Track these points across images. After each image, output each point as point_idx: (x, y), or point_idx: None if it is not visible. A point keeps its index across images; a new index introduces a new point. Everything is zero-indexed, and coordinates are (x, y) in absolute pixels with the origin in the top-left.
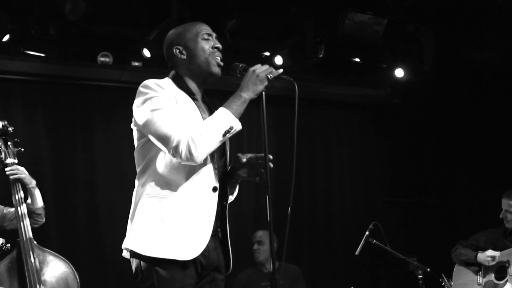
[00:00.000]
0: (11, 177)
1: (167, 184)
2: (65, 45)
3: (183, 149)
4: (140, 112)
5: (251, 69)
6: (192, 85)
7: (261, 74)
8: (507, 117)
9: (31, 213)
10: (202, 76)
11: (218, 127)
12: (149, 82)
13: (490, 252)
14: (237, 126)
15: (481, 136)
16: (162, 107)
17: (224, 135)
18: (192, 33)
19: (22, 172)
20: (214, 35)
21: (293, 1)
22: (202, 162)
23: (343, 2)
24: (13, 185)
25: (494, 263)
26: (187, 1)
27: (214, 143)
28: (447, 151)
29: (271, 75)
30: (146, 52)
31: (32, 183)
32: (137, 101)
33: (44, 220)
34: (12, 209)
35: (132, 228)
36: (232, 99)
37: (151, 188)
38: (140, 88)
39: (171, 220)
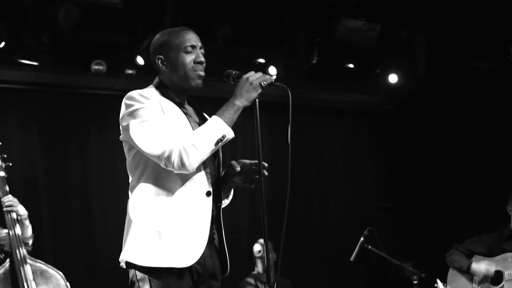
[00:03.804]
0: (6, 209)
1: (160, 192)
2: (58, 54)
3: (175, 159)
4: (128, 124)
5: (245, 76)
6: (176, 93)
7: (254, 82)
8: (501, 122)
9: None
10: (183, 88)
11: (210, 136)
12: (133, 93)
13: (484, 268)
14: (230, 134)
15: (475, 140)
16: (149, 118)
17: (217, 143)
18: (175, 44)
19: (16, 204)
20: (198, 45)
21: (286, 7)
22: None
23: (336, 9)
24: (7, 213)
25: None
26: (181, 9)
27: (206, 151)
28: (442, 156)
29: (264, 83)
30: (140, 60)
31: (25, 214)
32: (124, 114)
33: (31, 248)
34: (4, 231)
35: (127, 239)
36: (225, 107)
37: (145, 197)
38: (125, 101)
39: (167, 228)
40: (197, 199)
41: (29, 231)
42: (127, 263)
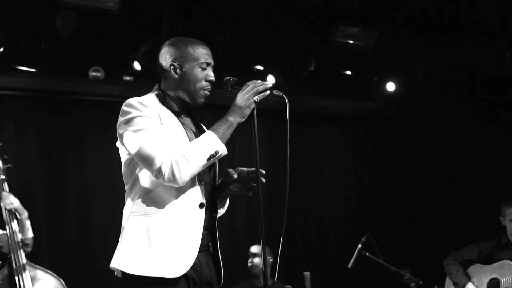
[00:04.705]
0: (8, 207)
1: (154, 201)
2: (56, 60)
3: (166, 171)
4: (124, 132)
5: (239, 93)
6: (176, 101)
7: (248, 98)
8: (499, 128)
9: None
10: (186, 100)
11: (203, 151)
12: (132, 101)
13: None
14: (223, 150)
15: (473, 147)
16: (146, 127)
17: (209, 159)
18: (193, 56)
19: (16, 204)
20: (212, 63)
21: (284, 14)
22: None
23: (334, 16)
24: (8, 212)
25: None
26: (178, 15)
27: (198, 166)
28: (439, 163)
29: (258, 98)
30: (137, 65)
31: (25, 214)
32: (121, 121)
33: (31, 249)
34: (4, 232)
35: (119, 247)
36: (220, 123)
37: (138, 205)
38: (123, 107)
39: (158, 238)
40: (189, 211)
41: (30, 233)
42: (122, 272)
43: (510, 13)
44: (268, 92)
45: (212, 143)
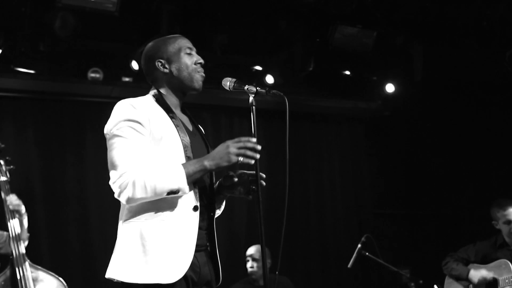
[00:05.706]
0: (15, 208)
1: (146, 207)
2: (55, 62)
3: (121, 187)
4: (107, 133)
5: (228, 142)
6: (172, 100)
7: (231, 154)
8: (498, 128)
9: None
10: (183, 91)
11: (165, 184)
12: (124, 103)
13: (484, 274)
14: (185, 190)
15: (472, 146)
16: (126, 136)
17: (168, 194)
18: (174, 47)
19: (21, 204)
20: (194, 49)
21: (282, 15)
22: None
23: (333, 16)
24: (10, 213)
25: (485, 282)
26: (177, 16)
27: (152, 197)
28: (438, 163)
29: (241, 160)
30: (135, 65)
31: (24, 214)
32: (108, 123)
33: (26, 241)
34: (3, 232)
35: (114, 255)
36: (194, 163)
37: (131, 212)
38: (115, 109)
39: (153, 245)
40: (183, 214)
41: (25, 229)
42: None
43: (509, 12)
44: (253, 161)
45: (177, 180)
